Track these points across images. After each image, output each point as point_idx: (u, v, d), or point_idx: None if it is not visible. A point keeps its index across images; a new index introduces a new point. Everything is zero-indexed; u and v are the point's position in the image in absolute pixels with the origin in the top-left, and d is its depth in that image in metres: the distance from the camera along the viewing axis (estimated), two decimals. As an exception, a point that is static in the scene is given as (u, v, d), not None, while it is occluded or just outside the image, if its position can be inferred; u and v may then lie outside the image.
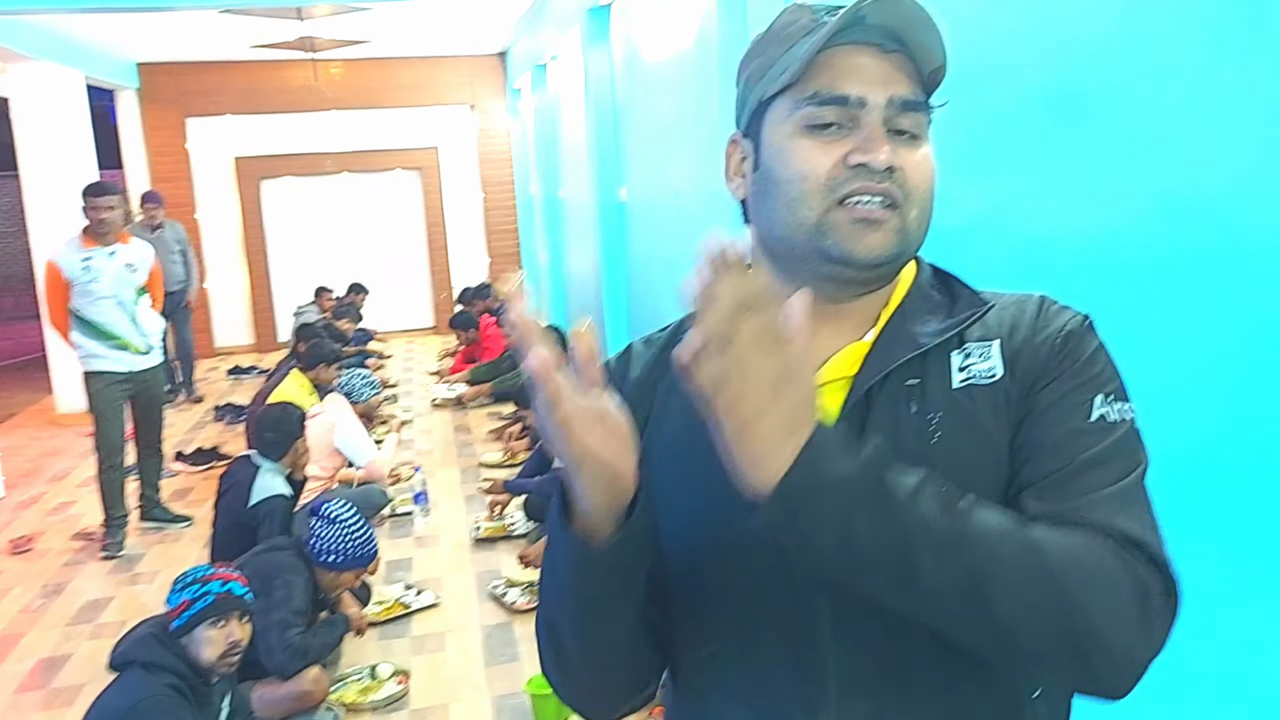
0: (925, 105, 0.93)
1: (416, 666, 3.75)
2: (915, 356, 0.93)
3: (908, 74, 0.92)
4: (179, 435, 7.47)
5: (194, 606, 2.70)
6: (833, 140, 0.91)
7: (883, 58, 0.91)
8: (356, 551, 3.62)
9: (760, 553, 0.91)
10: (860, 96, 0.90)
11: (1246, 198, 1.64)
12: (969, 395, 0.92)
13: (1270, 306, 1.59)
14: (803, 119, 0.92)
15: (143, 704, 2.48)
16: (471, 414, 7.61)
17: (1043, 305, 0.98)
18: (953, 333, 0.94)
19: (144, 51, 9.76)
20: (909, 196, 0.91)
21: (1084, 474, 0.87)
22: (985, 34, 2.34)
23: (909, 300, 0.98)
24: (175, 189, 10.60)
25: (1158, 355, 1.85)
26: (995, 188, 2.33)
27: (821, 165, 0.90)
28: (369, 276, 10.54)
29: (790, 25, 0.94)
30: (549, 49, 8.37)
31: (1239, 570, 1.71)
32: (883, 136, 0.90)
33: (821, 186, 0.90)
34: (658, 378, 1.02)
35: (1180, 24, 1.76)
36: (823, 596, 0.90)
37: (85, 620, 4.34)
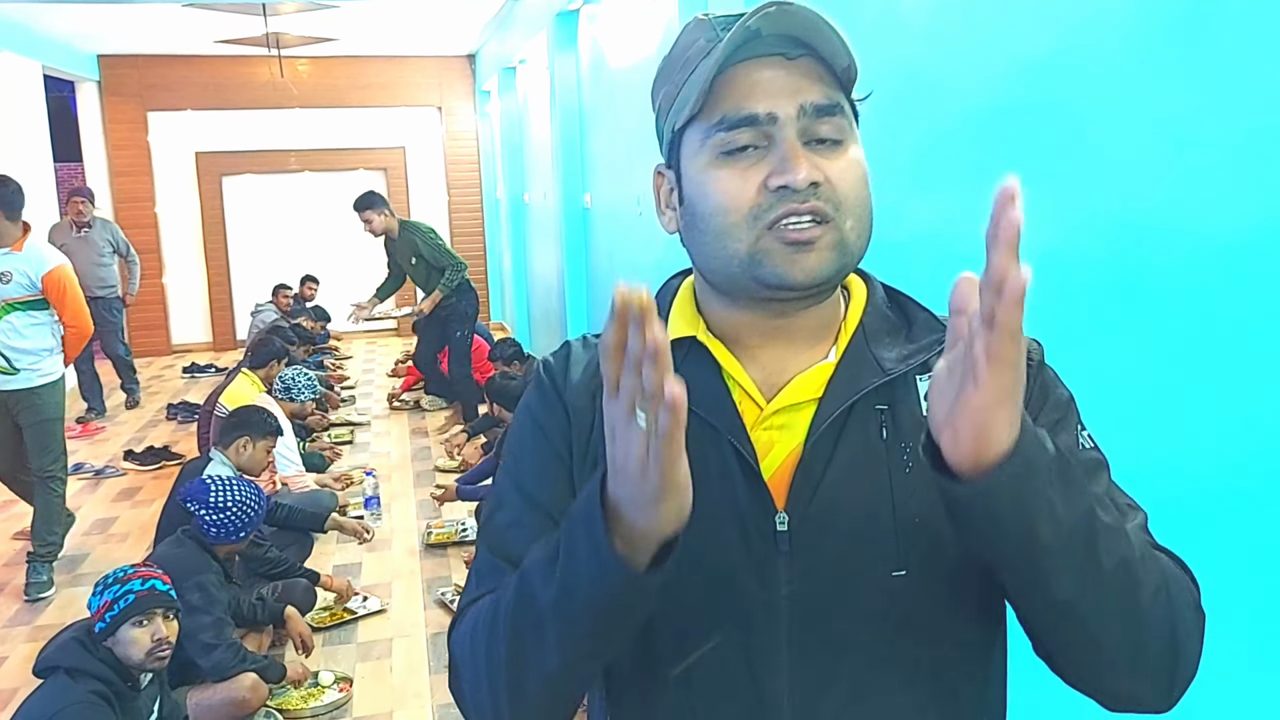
0: (842, 107, 0.88)
1: (361, 673, 3.69)
2: (883, 383, 0.90)
3: (818, 77, 0.87)
4: (129, 434, 7.35)
5: (115, 607, 2.63)
6: (751, 165, 0.86)
7: (788, 66, 0.86)
8: (250, 516, 3.52)
9: (729, 560, 0.88)
10: (769, 112, 0.85)
11: (1187, 213, 1.64)
12: None
13: (1211, 319, 1.60)
14: (715, 146, 0.87)
15: (66, 711, 2.42)
16: (429, 418, 7.55)
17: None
18: (920, 360, 0.91)
19: (105, 43, 9.62)
20: (840, 207, 0.86)
21: (1120, 506, 0.87)
22: (934, 50, 2.34)
23: (868, 320, 0.95)
24: (135, 183, 10.47)
25: (1102, 369, 1.85)
26: (942, 202, 2.33)
27: (743, 195, 0.86)
28: (331, 277, 10.43)
29: (690, 47, 0.89)
30: (517, 52, 8.34)
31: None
32: (799, 152, 0.85)
33: (746, 217, 0.86)
34: (600, 381, 0.96)
35: (1123, 43, 1.77)
36: (780, 603, 0.88)
37: (22, 622, 4.24)
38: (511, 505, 0.95)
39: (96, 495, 5.96)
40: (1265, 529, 1.57)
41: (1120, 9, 1.76)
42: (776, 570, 0.88)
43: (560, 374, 0.98)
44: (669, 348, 0.67)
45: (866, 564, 0.87)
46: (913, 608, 0.88)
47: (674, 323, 0.96)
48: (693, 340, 0.94)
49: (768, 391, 0.92)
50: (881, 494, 0.88)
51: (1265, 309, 1.51)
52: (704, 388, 0.91)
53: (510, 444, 1.01)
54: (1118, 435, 1.80)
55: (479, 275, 11.52)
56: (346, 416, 7.47)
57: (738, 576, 0.88)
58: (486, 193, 11.37)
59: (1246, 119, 1.52)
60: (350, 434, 7.03)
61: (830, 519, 0.88)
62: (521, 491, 0.95)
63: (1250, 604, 1.58)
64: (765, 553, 0.88)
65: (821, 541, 0.88)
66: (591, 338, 1.01)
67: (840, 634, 0.88)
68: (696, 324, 0.96)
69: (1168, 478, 1.71)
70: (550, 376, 0.99)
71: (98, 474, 6.29)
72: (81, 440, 7.18)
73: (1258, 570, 1.58)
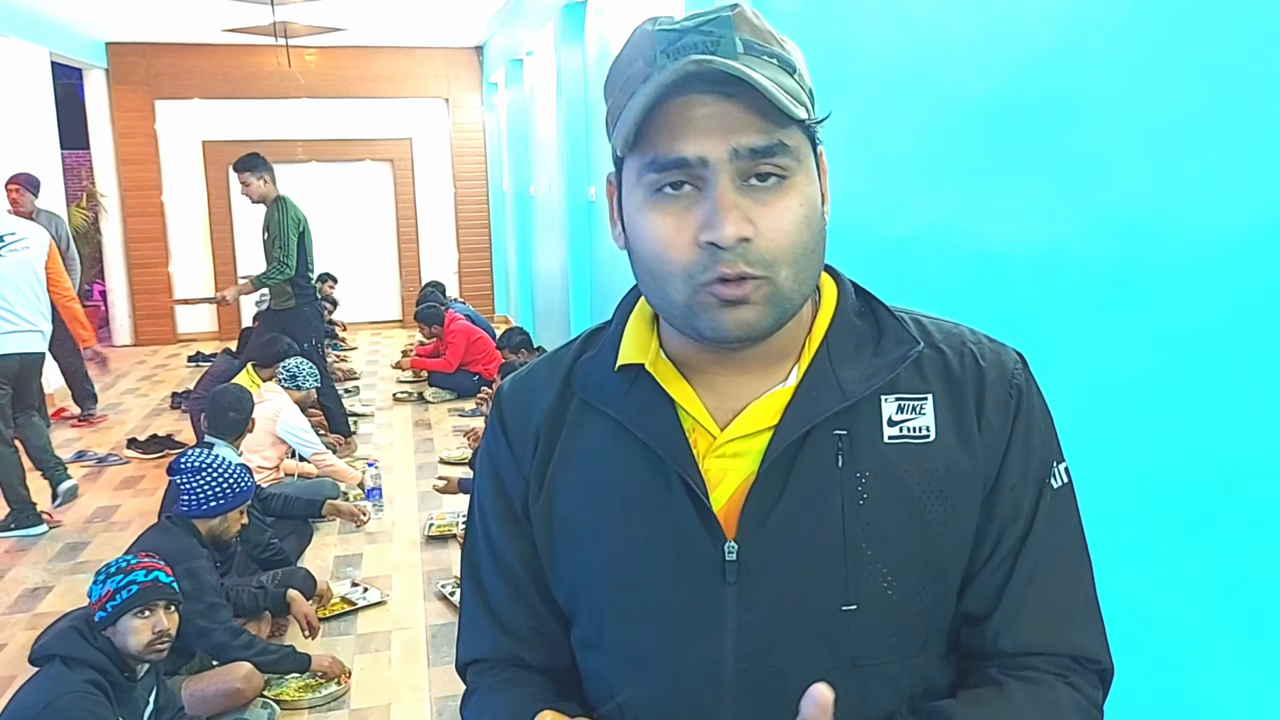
0: (783, 144, 0.80)
1: (359, 665, 3.69)
2: (843, 408, 0.86)
3: (759, 114, 0.79)
4: (133, 422, 7.37)
5: (117, 597, 2.62)
6: (684, 211, 0.81)
7: (724, 101, 0.79)
8: (233, 488, 3.49)
9: (677, 591, 0.87)
10: (699, 155, 0.79)
11: (1193, 207, 1.63)
12: (899, 454, 0.86)
13: (1213, 316, 1.59)
14: (649, 186, 0.82)
15: (59, 700, 2.41)
16: (433, 410, 7.55)
17: (977, 355, 0.91)
18: (884, 379, 0.87)
19: (113, 31, 9.62)
20: (774, 259, 0.80)
21: (1050, 591, 0.88)
22: (935, 46, 2.33)
23: (833, 335, 0.90)
24: (142, 172, 10.48)
25: (1101, 364, 1.84)
26: (944, 198, 2.32)
27: (676, 246, 0.81)
28: (336, 268, 10.44)
29: (631, 65, 0.83)
30: (524, 44, 8.32)
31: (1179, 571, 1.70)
32: (729, 204, 0.79)
33: (681, 271, 0.81)
34: (563, 409, 0.95)
35: (1127, 35, 1.75)
36: (728, 645, 0.86)
37: (22, 610, 4.25)
38: (481, 550, 1.00)
39: (99, 483, 5.97)
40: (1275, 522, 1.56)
41: (1124, 2, 1.74)
42: (724, 602, 0.86)
43: (518, 406, 0.98)
44: None
45: (815, 596, 0.85)
46: (863, 643, 0.86)
47: (626, 344, 0.93)
48: (641, 367, 0.91)
49: (721, 419, 0.89)
50: (833, 525, 0.85)
51: (1271, 305, 1.50)
52: (651, 416, 0.89)
53: (476, 483, 1.03)
54: (1120, 432, 1.79)
55: (483, 267, 11.54)
56: (350, 408, 7.47)
57: (685, 610, 0.87)
58: (492, 185, 11.36)
59: (1253, 112, 1.50)
60: (354, 425, 7.03)
61: (780, 549, 0.85)
62: (490, 543, 1.00)
63: (1264, 605, 1.57)
64: (712, 584, 0.86)
65: (770, 572, 0.85)
66: (561, 349, 1.00)
67: (788, 668, 0.86)
68: (649, 346, 0.93)
69: (1173, 475, 1.70)
70: (501, 415, 0.99)
71: (100, 462, 6.30)
72: (85, 429, 7.19)
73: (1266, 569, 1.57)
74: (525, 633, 0.98)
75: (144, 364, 9.72)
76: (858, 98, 2.61)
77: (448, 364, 7.78)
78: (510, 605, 0.98)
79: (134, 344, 10.67)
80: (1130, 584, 1.74)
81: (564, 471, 0.93)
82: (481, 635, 1.00)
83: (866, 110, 2.57)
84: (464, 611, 1.02)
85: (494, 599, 0.99)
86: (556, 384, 0.96)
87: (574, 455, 0.93)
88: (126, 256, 10.59)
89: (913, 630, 0.87)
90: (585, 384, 0.94)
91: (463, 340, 7.77)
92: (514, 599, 0.98)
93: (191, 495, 3.43)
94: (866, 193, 2.60)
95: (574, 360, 0.97)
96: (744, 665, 0.86)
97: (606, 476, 0.91)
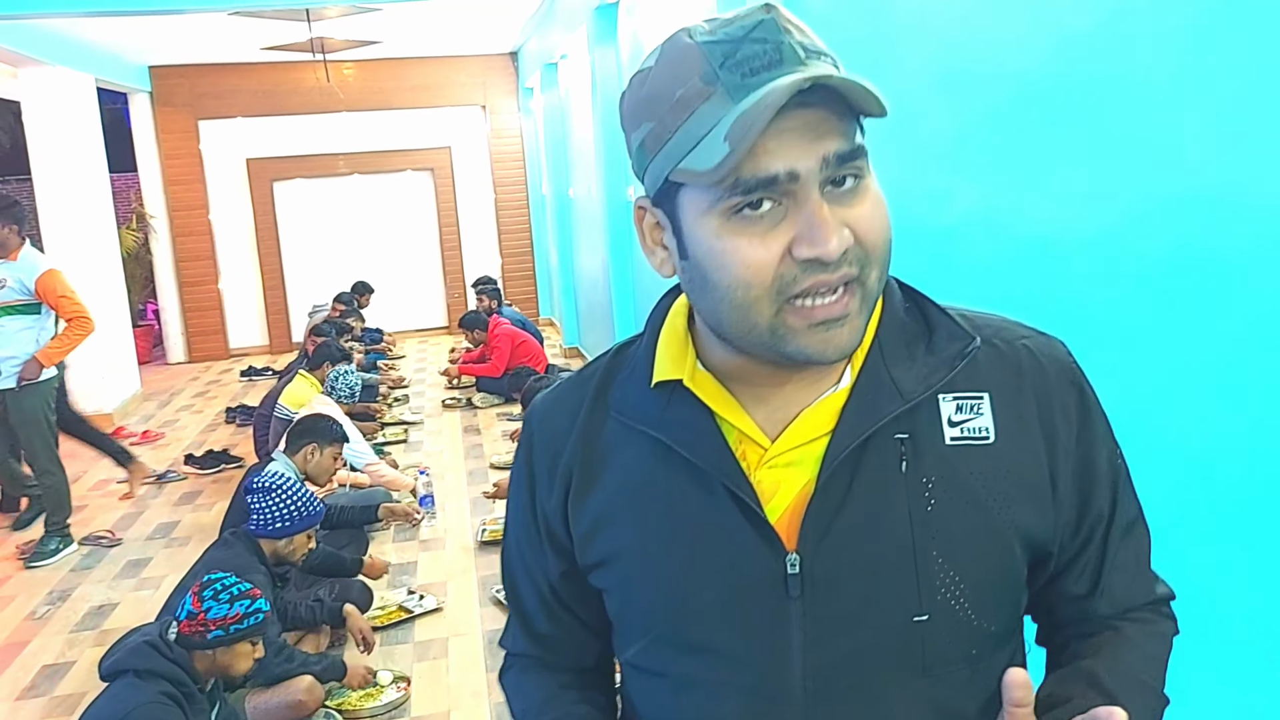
0: (863, 146, 0.78)
1: (418, 673, 3.72)
2: (903, 410, 0.83)
3: (838, 115, 0.76)
4: (190, 438, 7.49)
5: (245, 621, 2.74)
6: (770, 228, 0.76)
7: (805, 111, 0.74)
8: (301, 511, 3.55)
9: (738, 609, 0.85)
10: (790, 170, 0.74)
11: (1240, 193, 1.58)
12: (962, 457, 0.84)
13: (1266, 301, 1.54)
14: (728, 209, 0.76)
15: (137, 711, 2.47)
16: (481, 415, 7.59)
17: (1033, 350, 0.90)
18: (942, 379, 0.85)
19: (156, 55, 9.79)
20: (868, 260, 0.78)
21: (1131, 559, 0.93)
22: (978, 32, 2.29)
23: (884, 334, 0.87)
24: (189, 191, 10.67)
25: (1153, 352, 1.80)
26: (989, 185, 2.28)
27: (765, 265, 0.76)
28: (381, 277, 10.56)
29: (684, 83, 0.76)
30: (558, 48, 8.34)
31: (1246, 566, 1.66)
32: (828, 217, 0.75)
33: (769, 290, 0.77)
34: (597, 431, 0.93)
35: (1172, 19, 1.71)
36: (795, 663, 0.84)
37: (90, 627, 4.34)
38: (515, 560, 1.04)
39: (159, 500, 6.08)
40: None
41: (1170, -18, 1.70)
42: (788, 616, 0.83)
43: (550, 431, 0.96)
44: None
45: (885, 608, 0.83)
46: (936, 653, 0.83)
47: (660, 360, 0.89)
48: (679, 383, 0.88)
49: (771, 429, 0.86)
50: (901, 532, 0.82)
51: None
52: (694, 431, 0.86)
53: (511, 491, 1.03)
54: (1177, 418, 1.74)
55: (526, 271, 11.59)
56: (400, 415, 7.53)
57: (746, 626, 0.85)
58: (532, 189, 11.40)
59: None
60: (404, 433, 7.09)
61: (845, 560, 0.82)
62: (520, 552, 1.03)
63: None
64: (775, 598, 0.83)
65: (836, 585, 0.83)
66: (582, 377, 0.98)
67: (859, 682, 0.84)
68: (684, 359, 0.89)
69: (1234, 463, 1.65)
70: (532, 437, 0.99)
71: (160, 479, 6.41)
72: (143, 445, 7.33)
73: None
74: (551, 640, 1.04)
75: (197, 380, 9.88)
76: (900, 87, 2.58)
77: (494, 369, 7.82)
78: (539, 614, 1.03)
79: (188, 361, 10.86)
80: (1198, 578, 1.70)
81: (607, 496, 0.91)
82: (517, 636, 1.07)
83: (907, 100, 2.53)
84: (509, 611, 1.09)
85: (527, 607, 1.04)
86: (587, 405, 0.94)
87: (615, 480, 0.91)
88: (177, 275, 10.77)
89: (985, 635, 0.86)
90: (622, 406, 0.91)
91: (508, 344, 7.80)
92: (542, 609, 1.02)
93: (260, 514, 3.50)
94: (911, 183, 2.56)
95: (603, 379, 0.94)
96: (813, 683, 0.84)
97: (651, 498, 0.88)
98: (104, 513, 5.83)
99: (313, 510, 3.61)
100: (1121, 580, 0.92)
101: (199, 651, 2.71)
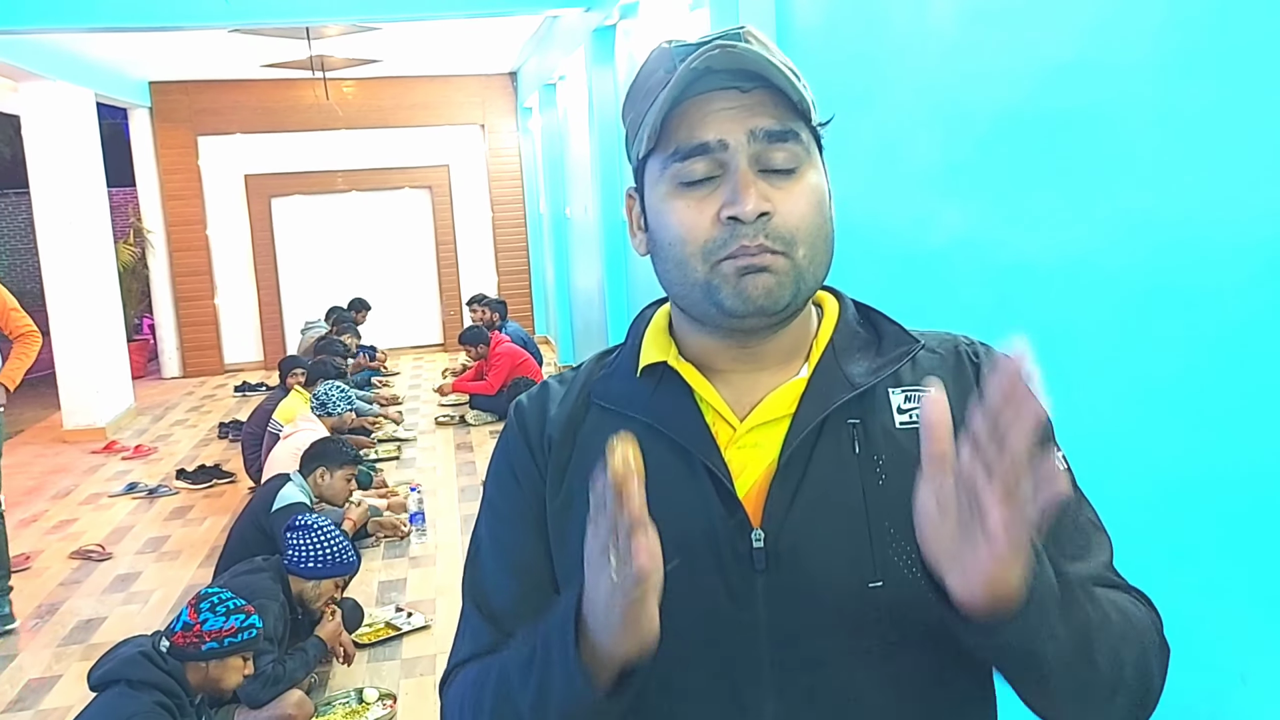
0: (797, 134, 0.88)
1: (405, 690, 3.72)
2: (853, 396, 0.91)
3: (773, 105, 0.87)
4: (182, 453, 7.49)
5: (240, 635, 2.75)
6: (706, 195, 0.88)
7: (741, 98, 0.87)
8: (335, 558, 3.59)
9: (708, 582, 0.88)
10: (719, 139, 0.86)
11: (1212, 217, 1.62)
12: (911, 439, 0.88)
13: (1244, 324, 1.57)
14: (672, 177, 0.89)
15: (134, 718, 2.48)
16: (474, 432, 7.60)
17: (970, 353, 0.97)
18: (889, 372, 0.93)
19: (156, 70, 9.84)
20: (792, 237, 0.87)
21: (1089, 537, 0.92)
22: (960, 60, 2.32)
23: (838, 336, 0.96)
24: (187, 207, 10.71)
25: (1127, 370, 1.82)
26: (973, 209, 2.31)
27: (698, 227, 0.87)
28: (378, 294, 10.57)
29: (651, 76, 0.90)
30: (557, 69, 8.40)
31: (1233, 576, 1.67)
32: (749, 181, 0.86)
33: (701, 249, 0.87)
34: (579, 418, 0.98)
35: (1151, 45, 1.74)
36: (762, 635, 0.87)
37: (78, 640, 4.33)
38: (490, 558, 0.99)
39: (150, 514, 6.07)
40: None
41: (1147, 12, 1.73)
42: (754, 589, 0.88)
43: (533, 414, 1.00)
44: (646, 517, 0.72)
45: (843, 576, 0.87)
46: (891, 618, 0.87)
47: (647, 349, 0.98)
48: (665, 365, 0.95)
49: (740, 411, 0.93)
50: (855, 506, 0.88)
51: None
52: (676, 411, 0.93)
53: (488, 488, 1.03)
54: (1146, 440, 1.76)
55: (523, 289, 11.62)
56: (394, 433, 7.54)
57: (716, 599, 0.88)
58: (529, 207, 11.45)
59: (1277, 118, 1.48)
60: (397, 450, 7.10)
61: (806, 533, 0.88)
62: (499, 544, 0.99)
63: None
64: (742, 572, 0.88)
65: (798, 557, 0.88)
66: (568, 373, 1.03)
67: (821, 649, 0.87)
68: (669, 350, 0.97)
69: (1200, 483, 1.67)
70: (520, 420, 1.00)
71: (151, 493, 6.41)
72: (135, 460, 7.33)
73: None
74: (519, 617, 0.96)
75: (192, 395, 9.89)
76: (885, 112, 2.61)
77: (490, 386, 7.83)
78: (516, 608, 0.95)
79: (182, 375, 10.87)
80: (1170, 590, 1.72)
81: (583, 478, 0.91)
82: (481, 640, 0.96)
83: (894, 124, 2.56)
84: (463, 623, 1.00)
85: (499, 606, 0.96)
86: (573, 396, 0.99)
87: (594, 462, 0.92)
88: (173, 290, 10.80)
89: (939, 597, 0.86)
90: (606, 394, 0.97)
91: (507, 364, 7.82)
92: (522, 601, 0.95)
93: (295, 550, 3.55)
94: (895, 206, 2.59)
95: (588, 377, 1.01)
96: (779, 651, 0.87)
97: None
98: (94, 527, 5.83)
99: (346, 560, 3.66)
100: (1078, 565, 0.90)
101: (192, 664, 2.71)
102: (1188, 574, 1.72)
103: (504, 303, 9.07)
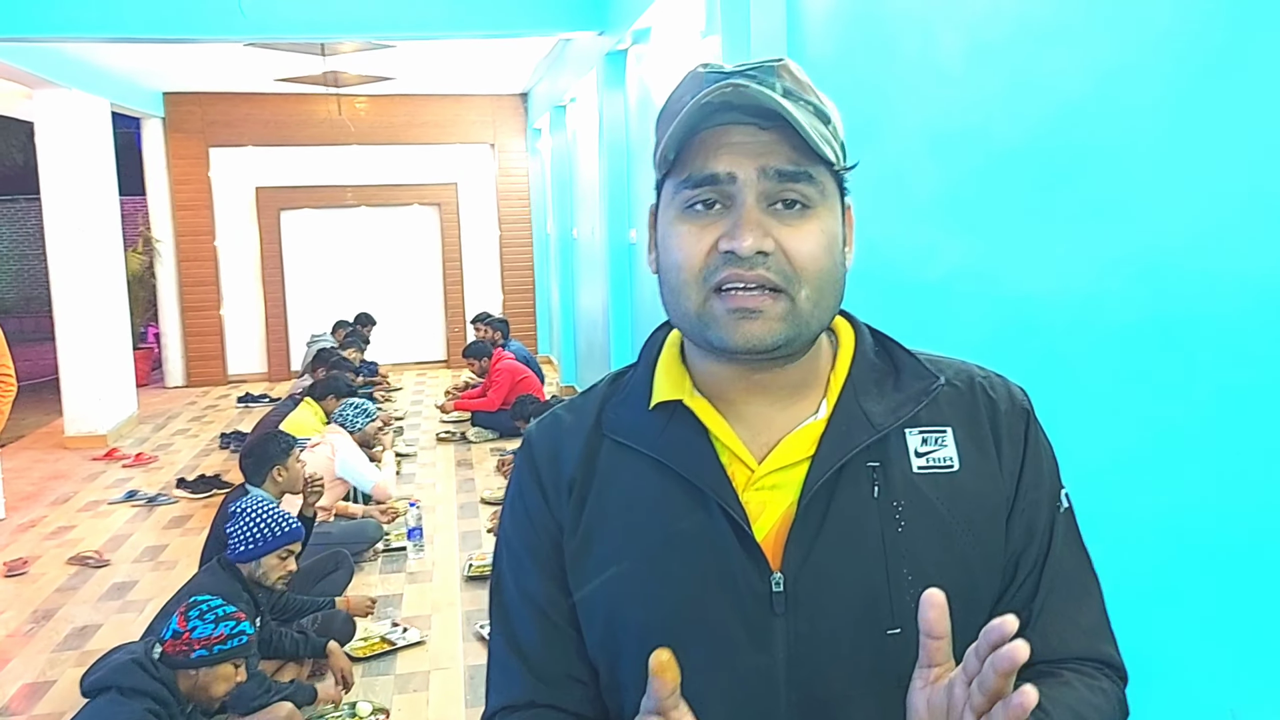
0: (810, 175, 0.86)
1: (398, 705, 3.71)
2: (875, 440, 0.90)
3: (789, 145, 0.86)
4: (183, 462, 7.50)
5: (229, 642, 2.74)
6: (710, 223, 0.87)
7: (760, 132, 0.86)
8: (271, 531, 3.49)
9: (727, 625, 0.88)
10: (729, 172, 0.86)
11: (1214, 255, 1.63)
12: (929, 484, 0.91)
13: (1249, 364, 1.57)
14: (682, 202, 0.89)
15: (124, 726, 2.48)
16: (475, 449, 7.60)
17: (987, 388, 0.96)
18: (909, 413, 0.92)
19: (170, 81, 9.91)
20: (796, 277, 0.86)
21: (1071, 604, 0.94)
22: (967, 96, 2.35)
23: (856, 371, 0.94)
24: (196, 217, 10.76)
25: (1130, 408, 1.83)
26: (976, 242, 2.32)
27: (695, 253, 0.87)
28: (383, 309, 10.60)
29: (680, 101, 0.89)
30: (568, 91, 8.45)
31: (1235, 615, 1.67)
32: (753, 219, 0.85)
33: (696, 276, 0.87)
34: (594, 449, 0.96)
35: (1158, 85, 1.76)
36: (780, 677, 0.87)
37: (72, 646, 4.33)
38: (512, 594, 0.99)
39: (148, 523, 6.07)
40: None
41: (1154, 53, 1.75)
42: (773, 633, 0.88)
43: (544, 452, 0.99)
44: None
45: (862, 623, 0.87)
46: (909, 664, 0.86)
47: (660, 382, 0.96)
48: (679, 403, 0.94)
49: (758, 451, 0.92)
50: (874, 551, 0.88)
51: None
52: (692, 452, 0.92)
53: (504, 523, 1.02)
54: (1151, 479, 1.77)
55: (527, 308, 11.64)
56: (395, 448, 7.53)
57: (734, 642, 0.88)
58: (536, 228, 11.50)
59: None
60: (398, 465, 7.10)
61: (825, 579, 0.88)
62: (520, 585, 0.99)
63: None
64: (761, 616, 0.88)
65: (817, 602, 0.88)
66: (578, 401, 1.01)
67: (839, 694, 0.87)
68: (683, 383, 0.96)
69: (1206, 520, 1.68)
70: (531, 459, 0.99)
71: (150, 501, 6.42)
72: (135, 468, 7.34)
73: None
74: (560, 678, 0.97)
75: (195, 404, 9.91)
76: (892, 146, 2.63)
77: (491, 403, 7.84)
78: (544, 650, 0.97)
79: (186, 385, 10.89)
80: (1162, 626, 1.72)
81: (601, 515, 0.94)
82: (514, 680, 0.97)
83: (900, 158, 2.59)
84: (493, 658, 1.01)
85: (526, 643, 0.97)
86: (585, 429, 0.97)
87: (611, 499, 0.94)
88: (180, 300, 10.84)
89: (958, 644, 0.87)
90: (618, 427, 0.96)
91: (508, 380, 7.83)
92: (547, 644, 0.97)
93: (234, 539, 3.50)
94: (899, 239, 2.61)
95: (601, 405, 0.99)
96: (796, 695, 0.87)
97: (646, 516, 0.92)
98: (92, 534, 5.83)
99: (281, 530, 3.53)
100: (1057, 626, 0.93)
101: (182, 671, 2.71)
102: (1179, 609, 1.72)
103: (506, 321, 9.09)
